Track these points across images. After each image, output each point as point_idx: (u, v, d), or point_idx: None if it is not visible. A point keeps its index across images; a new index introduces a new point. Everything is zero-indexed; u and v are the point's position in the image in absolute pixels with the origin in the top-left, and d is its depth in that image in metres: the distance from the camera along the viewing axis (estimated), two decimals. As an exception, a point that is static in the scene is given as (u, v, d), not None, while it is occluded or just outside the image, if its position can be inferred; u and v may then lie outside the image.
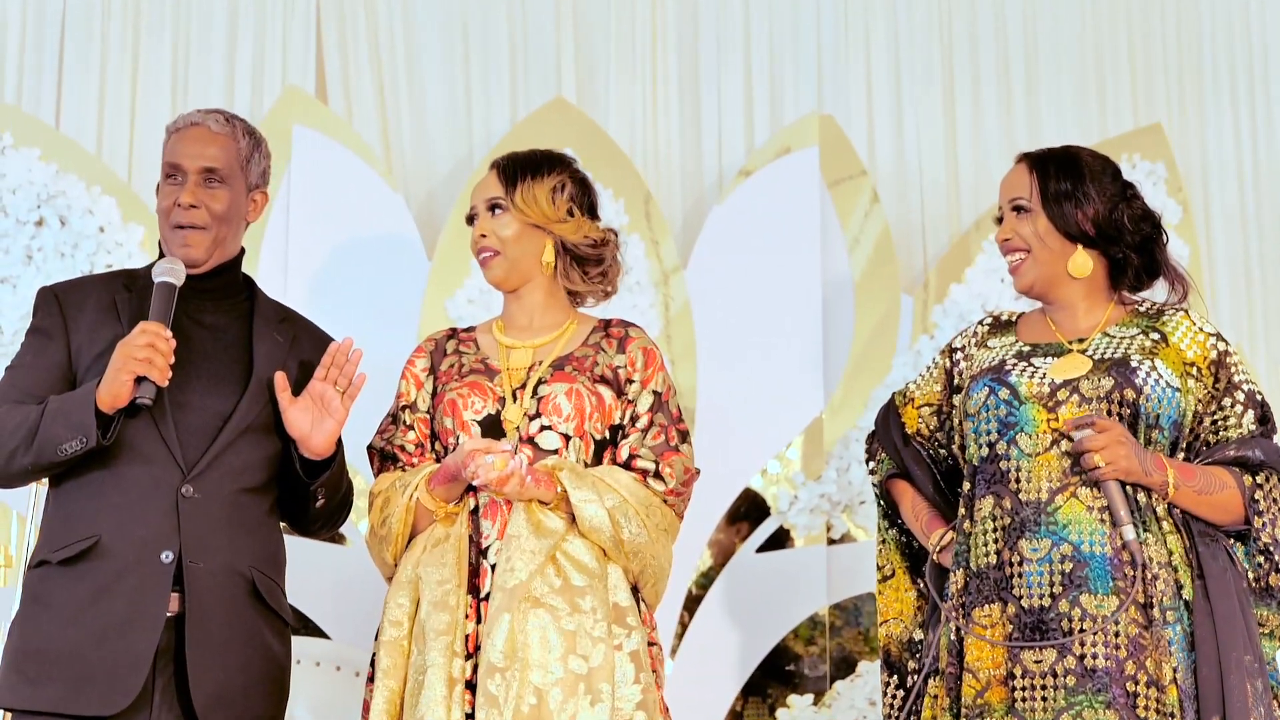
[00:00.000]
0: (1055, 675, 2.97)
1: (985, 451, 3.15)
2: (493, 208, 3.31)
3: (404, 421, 3.29)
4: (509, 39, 4.60)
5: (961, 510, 3.18)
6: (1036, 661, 2.99)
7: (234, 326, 3.17)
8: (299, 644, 4.12)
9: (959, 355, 3.34)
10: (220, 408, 3.07)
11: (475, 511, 3.14)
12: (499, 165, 3.36)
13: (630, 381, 3.26)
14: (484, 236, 3.30)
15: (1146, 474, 3.03)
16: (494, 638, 2.99)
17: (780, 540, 4.37)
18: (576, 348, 3.29)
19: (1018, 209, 3.23)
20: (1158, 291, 3.28)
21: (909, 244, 4.59)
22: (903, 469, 3.36)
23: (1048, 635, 2.99)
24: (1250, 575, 3.09)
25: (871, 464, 3.43)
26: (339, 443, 3.14)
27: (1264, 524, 3.08)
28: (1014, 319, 3.35)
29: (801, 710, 4.29)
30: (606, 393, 3.23)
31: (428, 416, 3.28)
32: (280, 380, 3.08)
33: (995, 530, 3.08)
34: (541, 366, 3.24)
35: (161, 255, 3.16)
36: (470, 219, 3.36)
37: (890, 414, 3.40)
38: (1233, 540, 3.10)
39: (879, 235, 4.48)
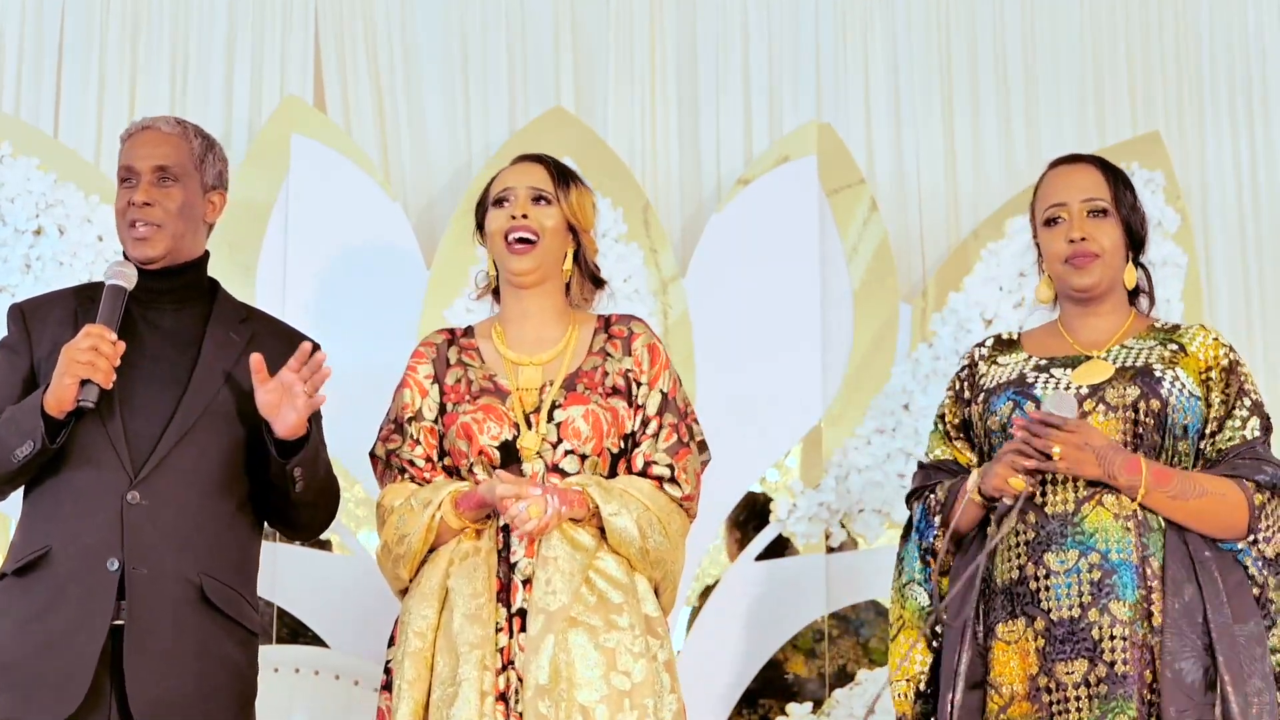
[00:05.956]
0: (1089, 685, 2.98)
1: None
2: (539, 198, 3.26)
3: (411, 435, 3.25)
4: (507, 48, 4.60)
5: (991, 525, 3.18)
6: (1069, 673, 2.99)
7: (190, 329, 3.16)
8: (299, 653, 4.13)
9: (965, 372, 3.34)
10: (166, 410, 3.06)
11: (503, 527, 3.12)
12: (544, 160, 3.34)
13: (638, 384, 3.24)
14: (525, 217, 3.24)
15: (1110, 475, 3.03)
16: (540, 659, 2.98)
17: (779, 548, 4.37)
18: (584, 359, 3.26)
19: (1097, 211, 3.23)
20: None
21: (908, 252, 4.59)
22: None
23: (1080, 645, 2.99)
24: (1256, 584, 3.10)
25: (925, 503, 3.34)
26: (314, 424, 3.10)
27: (1265, 538, 3.09)
28: (1016, 337, 3.35)
29: (800, 718, 4.28)
30: (620, 404, 3.21)
31: (434, 426, 3.25)
32: (256, 361, 3.03)
33: (1019, 545, 3.08)
34: (553, 388, 3.20)
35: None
36: (499, 200, 3.29)
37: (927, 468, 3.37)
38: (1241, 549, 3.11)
39: (878, 244, 4.48)
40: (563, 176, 3.31)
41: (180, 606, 3.01)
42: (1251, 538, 3.08)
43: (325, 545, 4.27)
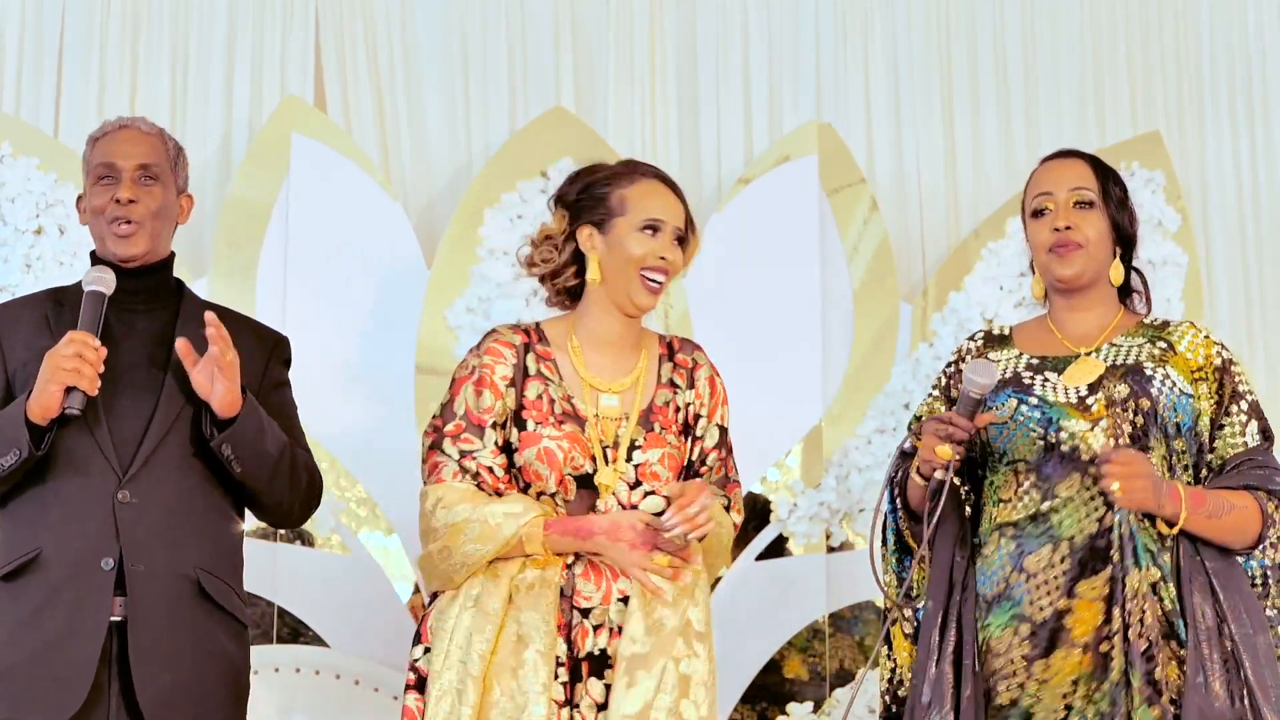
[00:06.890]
0: (1078, 683, 2.99)
1: (1040, 444, 3.10)
2: (681, 239, 3.24)
3: (494, 442, 3.13)
4: (508, 48, 4.60)
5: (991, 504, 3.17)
6: (1047, 669, 3.01)
7: (162, 329, 3.15)
8: (299, 652, 4.14)
9: (952, 369, 3.33)
10: (147, 410, 3.07)
11: (569, 565, 3.07)
12: (684, 199, 3.29)
13: (699, 416, 3.23)
14: (666, 259, 3.20)
15: (1159, 506, 3.04)
16: (634, 691, 2.97)
17: (779, 548, 4.37)
18: (655, 390, 3.22)
19: (1083, 203, 3.22)
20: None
21: (908, 252, 4.59)
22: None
23: (1058, 639, 3.00)
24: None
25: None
26: (250, 406, 3.06)
27: (1272, 544, 3.10)
28: (1007, 332, 3.34)
29: (800, 718, 4.28)
30: (684, 440, 3.22)
31: (505, 433, 3.15)
32: (183, 346, 3.02)
33: (1092, 501, 3.07)
34: (630, 424, 3.16)
35: (96, 263, 3.15)
36: (652, 227, 3.20)
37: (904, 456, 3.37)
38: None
39: (878, 243, 4.48)
40: (689, 219, 3.28)
41: (179, 602, 3.02)
42: (1260, 547, 3.10)
43: (318, 543, 4.27)
